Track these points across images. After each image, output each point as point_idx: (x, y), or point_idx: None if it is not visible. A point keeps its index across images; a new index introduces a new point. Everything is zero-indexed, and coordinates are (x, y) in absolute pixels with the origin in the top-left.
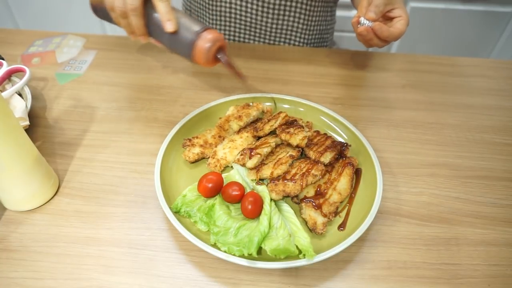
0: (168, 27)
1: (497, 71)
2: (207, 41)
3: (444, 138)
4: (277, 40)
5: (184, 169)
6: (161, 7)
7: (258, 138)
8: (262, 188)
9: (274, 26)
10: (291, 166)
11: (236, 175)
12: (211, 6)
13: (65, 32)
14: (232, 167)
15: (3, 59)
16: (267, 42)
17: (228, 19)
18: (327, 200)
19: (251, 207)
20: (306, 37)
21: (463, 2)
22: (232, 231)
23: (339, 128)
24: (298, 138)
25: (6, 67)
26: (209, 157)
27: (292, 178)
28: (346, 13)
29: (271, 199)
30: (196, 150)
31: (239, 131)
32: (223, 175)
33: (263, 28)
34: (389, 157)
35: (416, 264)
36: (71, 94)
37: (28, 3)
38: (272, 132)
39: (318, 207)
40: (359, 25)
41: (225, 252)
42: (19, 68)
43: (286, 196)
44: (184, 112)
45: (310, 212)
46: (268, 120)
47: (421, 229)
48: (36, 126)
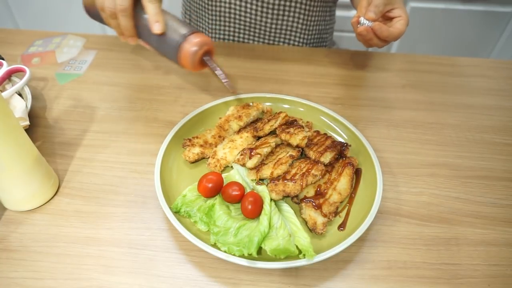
0: (156, 28)
1: (497, 71)
2: (193, 44)
3: (444, 138)
4: (276, 40)
5: (184, 169)
6: (150, 8)
7: (258, 138)
8: (262, 188)
9: (273, 26)
10: (291, 166)
11: (236, 175)
12: (210, 7)
13: (65, 32)
14: (232, 167)
15: (3, 59)
16: (266, 42)
17: (227, 19)
18: (327, 200)
19: (251, 207)
20: (306, 37)
21: (463, 2)
22: (232, 231)
23: (339, 128)
24: (298, 138)
25: (6, 67)
26: (209, 157)
27: (292, 178)
28: (346, 13)
29: (271, 199)
30: (196, 150)
31: (239, 131)
32: (223, 175)
33: (263, 28)
34: (389, 157)
35: (416, 264)
36: (71, 94)
37: (28, 3)
38: (272, 132)
39: (318, 207)
40: (358, 25)
41: (225, 252)
42: (19, 68)
43: (286, 196)
44: (184, 112)
45: (310, 212)
46: (268, 120)
47: (421, 229)
48: (36, 126)
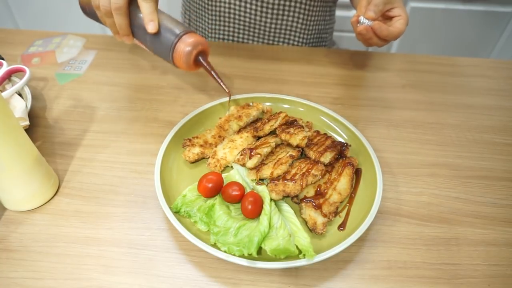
0: (150, 27)
1: (497, 71)
2: (187, 44)
3: (444, 138)
4: (276, 40)
5: (184, 169)
6: (145, 7)
7: (258, 138)
8: (262, 188)
9: (273, 26)
10: (291, 166)
11: (236, 175)
12: (210, 6)
13: (65, 32)
14: (232, 167)
15: (3, 59)
16: (266, 42)
17: (227, 19)
18: (327, 200)
19: (251, 207)
20: (305, 36)
21: (463, 2)
22: (232, 231)
23: (339, 128)
24: (298, 138)
25: (6, 67)
26: (209, 157)
27: (292, 178)
28: (345, 13)
29: (271, 199)
30: (196, 150)
31: (239, 131)
32: (223, 175)
33: (262, 28)
34: (389, 157)
35: (416, 264)
36: (71, 94)
37: (28, 3)
38: (272, 132)
39: (318, 207)
40: (358, 24)
41: (225, 252)
42: (19, 68)
43: (286, 196)
44: (184, 112)
45: (310, 212)
46: (268, 120)
47: (421, 229)
48: (36, 126)
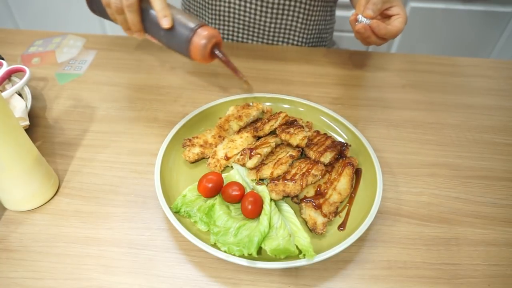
0: (164, 23)
1: (497, 71)
2: (202, 37)
3: (444, 138)
4: (276, 39)
5: (184, 169)
6: (157, 3)
7: (258, 138)
8: (262, 188)
9: (272, 26)
10: (291, 166)
11: (236, 175)
12: (210, 6)
13: (65, 32)
14: (232, 167)
15: (3, 59)
16: (265, 41)
17: (227, 18)
18: (327, 200)
19: (251, 207)
20: (305, 36)
21: (463, 2)
22: (232, 231)
23: (339, 128)
24: (298, 138)
25: (6, 67)
26: (209, 157)
27: (292, 178)
28: (346, 13)
29: (271, 199)
30: (196, 150)
31: (239, 131)
32: (223, 175)
33: (262, 28)
34: (389, 157)
35: (416, 264)
36: (71, 94)
37: (28, 3)
38: (272, 132)
39: (318, 207)
40: (356, 23)
41: (225, 252)
42: (19, 68)
43: (286, 196)
44: (184, 112)
45: (310, 212)
46: (268, 120)
47: (421, 229)
48: (36, 126)
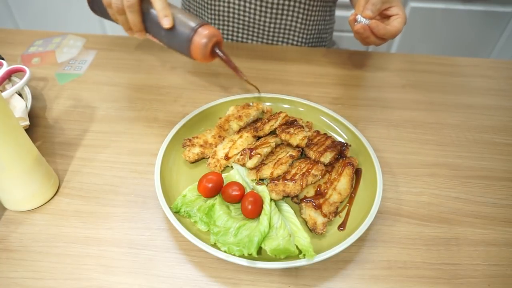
0: (165, 23)
1: (497, 71)
2: (203, 36)
3: (444, 138)
4: (275, 39)
5: (184, 169)
6: (157, 3)
7: (258, 138)
8: (262, 188)
9: (272, 26)
10: (291, 166)
11: (236, 175)
12: (210, 6)
13: (65, 32)
14: (232, 167)
15: (3, 59)
16: (265, 41)
17: (226, 18)
18: (327, 200)
19: (251, 207)
20: (305, 36)
21: (463, 2)
22: (232, 231)
23: (339, 128)
24: (298, 138)
25: (6, 67)
26: (209, 157)
27: (292, 178)
28: (345, 13)
29: (271, 199)
30: (196, 150)
31: (239, 131)
32: (223, 175)
33: (261, 28)
34: (389, 157)
35: (416, 264)
36: (71, 94)
37: (28, 3)
38: (272, 132)
39: (318, 207)
40: (356, 23)
41: (225, 252)
42: (19, 68)
43: (286, 196)
44: (184, 112)
45: (310, 212)
46: (268, 120)
47: (421, 229)
48: (36, 126)
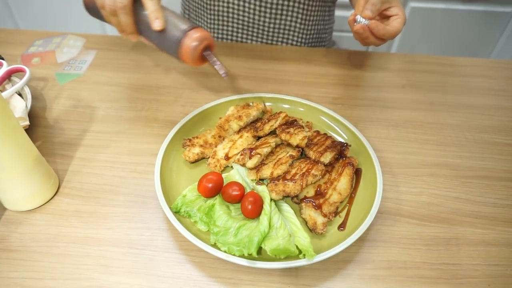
0: (156, 25)
1: (497, 71)
2: (193, 39)
3: (444, 138)
4: (275, 39)
5: (184, 169)
6: (149, 5)
7: (258, 138)
8: (262, 188)
9: (271, 26)
10: (291, 166)
11: (236, 175)
12: (209, 6)
13: (65, 32)
14: (232, 167)
15: (3, 59)
16: (265, 41)
17: (226, 18)
18: (327, 200)
19: (251, 207)
20: (304, 36)
21: (463, 2)
22: (232, 231)
23: (339, 128)
24: (298, 138)
25: (6, 67)
26: (209, 157)
27: (292, 178)
28: (345, 13)
29: (271, 199)
30: (196, 150)
31: (239, 131)
32: (223, 175)
33: (261, 28)
34: (389, 157)
35: (416, 264)
36: (71, 94)
37: (28, 3)
38: (272, 132)
39: (318, 207)
40: (355, 23)
41: (225, 252)
42: (19, 68)
43: (286, 196)
44: (184, 112)
45: (310, 212)
46: (268, 120)
47: (421, 229)
48: (36, 126)
